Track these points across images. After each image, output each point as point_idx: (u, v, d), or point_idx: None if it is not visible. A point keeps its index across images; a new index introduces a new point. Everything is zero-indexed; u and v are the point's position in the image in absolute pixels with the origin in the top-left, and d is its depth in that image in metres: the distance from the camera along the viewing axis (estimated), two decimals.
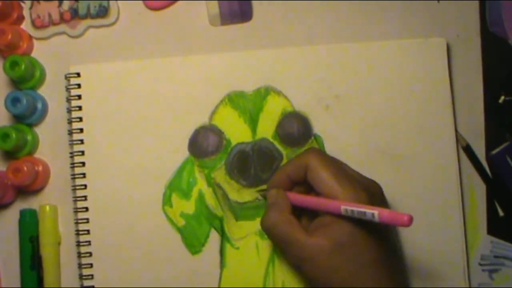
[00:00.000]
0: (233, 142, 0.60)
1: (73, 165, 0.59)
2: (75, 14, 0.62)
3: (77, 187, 0.59)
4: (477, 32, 0.62)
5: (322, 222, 0.51)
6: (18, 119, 0.61)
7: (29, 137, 0.60)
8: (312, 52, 0.60)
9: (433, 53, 0.60)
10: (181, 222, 0.59)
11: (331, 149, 0.59)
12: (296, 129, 0.60)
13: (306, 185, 0.54)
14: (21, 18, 0.62)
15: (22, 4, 0.62)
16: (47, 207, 0.60)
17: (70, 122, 0.60)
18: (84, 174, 0.59)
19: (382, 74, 0.60)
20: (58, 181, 0.61)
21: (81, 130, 0.59)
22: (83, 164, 0.59)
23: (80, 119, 0.60)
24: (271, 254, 0.59)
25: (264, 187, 0.59)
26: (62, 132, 0.60)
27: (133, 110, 0.60)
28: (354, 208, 0.48)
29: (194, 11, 0.62)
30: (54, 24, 0.62)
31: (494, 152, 0.61)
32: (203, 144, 0.60)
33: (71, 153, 0.60)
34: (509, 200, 0.61)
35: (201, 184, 0.60)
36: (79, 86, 0.60)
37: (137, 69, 0.60)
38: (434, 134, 0.60)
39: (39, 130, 0.61)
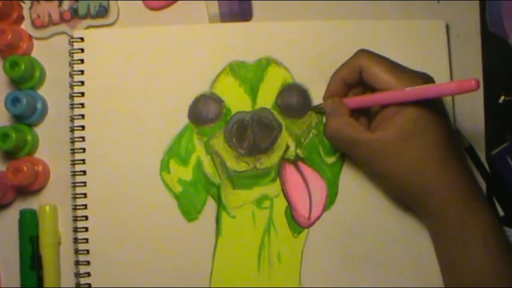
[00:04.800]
0: (233, 111, 0.60)
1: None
2: (75, 14, 0.62)
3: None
4: (477, 32, 0.62)
5: (384, 117, 0.53)
6: (18, 119, 0.61)
7: (29, 137, 0.60)
8: (314, 26, 0.61)
9: (433, 34, 0.61)
10: (178, 189, 0.59)
11: None
12: (296, 101, 0.60)
13: (360, 88, 0.55)
14: (21, 18, 0.62)
15: (22, 4, 0.62)
16: (47, 207, 0.60)
17: (71, 86, 0.60)
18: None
19: (382, 52, 0.60)
20: (58, 181, 0.61)
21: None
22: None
23: (82, 83, 0.60)
24: (267, 224, 0.59)
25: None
26: (62, 132, 0.60)
27: (134, 76, 0.60)
28: (419, 87, 0.50)
29: (194, 11, 0.62)
30: (54, 24, 0.62)
31: (494, 152, 0.61)
32: (203, 111, 0.60)
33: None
34: (509, 200, 0.61)
35: (200, 152, 0.60)
36: (82, 50, 0.60)
37: (140, 36, 0.61)
38: None
39: (39, 130, 0.62)
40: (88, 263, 0.58)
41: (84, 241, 0.59)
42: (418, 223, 0.58)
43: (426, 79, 0.53)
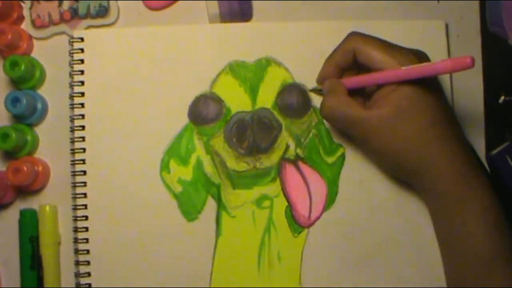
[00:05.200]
0: (233, 111, 0.60)
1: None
2: (75, 14, 0.62)
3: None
4: (477, 32, 0.63)
5: (380, 95, 0.53)
6: (18, 119, 0.61)
7: (29, 137, 0.60)
8: (314, 27, 0.61)
9: (433, 34, 0.61)
10: (178, 189, 0.59)
11: None
12: (296, 101, 0.60)
13: (354, 71, 0.56)
14: (21, 18, 0.62)
15: (22, 4, 0.62)
16: (47, 207, 0.60)
17: (71, 86, 0.60)
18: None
19: None
20: (58, 181, 0.61)
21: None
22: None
23: (82, 83, 0.60)
24: (267, 224, 0.59)
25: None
26: (62, 132, 0.60)
27: (134, 76, 0.60)
28: (415, 65, 0.51)
29: (194, 11, 0.62)
30: (54, 24, 0.62)
31: (494, 152, 0.61)
32: (203, 111, 0.60)
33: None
34: (509, 200, 0.61)
35: (200, 151, 0.60)
36: (82, 50, 0.60)
37: (140, 36, 0.61)
38: None
39: (39, 130, 0.61)
40: (88, 263, 0.58)
41: (84, 241, 0.59)
42: (418, 223, 0.58)
43: (421, 56, 0.54)
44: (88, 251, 0.58)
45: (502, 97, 0.62)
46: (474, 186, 0.53)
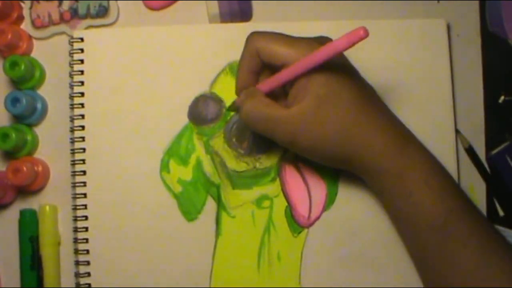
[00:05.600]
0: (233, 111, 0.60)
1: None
2: (75, 14, 0.62)
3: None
4: (477, 32, 0.62)
5: (295, 91, 0.52)
6: (18, 119, 0.61)
7: (29, 137, 0.60)
8: (313, 27, 0.61)
9: (434, 33, 0.61)
10: (178, 189, 0.59)
11: None
12: None
13: (267, 74, 0.54)
14: (21, 18, 0.62)
15: (22, 4, 0.62)
16: (47, 207, 0.60)
17: (71, 86, 0.60)
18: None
19: (383, 52, 0.60)
20: (58, 181, 0.61)
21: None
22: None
23: (82, 83, 0.60)
24: (267, 224, 0.59)
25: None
26: (62, 132, 0.60)
27: (134, 76, 0.60)
28: (314, 52, 0.49)
29: (194, 11, 0.62)
30: (54, 24, 0.62)
31: (494, 152, 0.61)
32: (203, 111, 0.60)
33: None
34: (509, 200, 0.61)
35: (199, 151, 0.60)
36: (82, 51, 0.60)
37: (140, 36, 0.61)
38: (434, 127, 0.60)
39: (39, 130, 0.62)
40: (88, 263, 0.58)
41: (84, 241, 0.59)
42: None
43: (324, 41, 0.52)
44: (88, 251, 0.58)
45: (502, 97, 0.62)
46: (412, 156, 0.52)
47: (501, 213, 0.61)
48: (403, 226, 0.55)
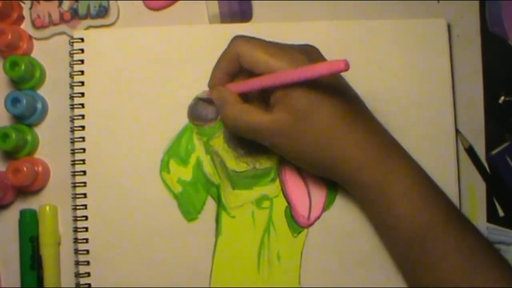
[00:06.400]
0: None
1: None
2: (75, 14, 0.62)
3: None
4: (477, 32, 0.62)
5: (275, 99, 0.51)
6: (18, 119, 0.61)
7: (29, 138, 0.60)
8: (314, 26, 0.61)
9: (434, 33, 0.60)
10: (178, 189, 0.59)
11: None
12: None
13: (245, 75, 0.53)
14: (21, 18, 0.62)
15: (22, 4, 0.62)
16: (47, 207, 0.60)
17: (71, 86, 0.60)
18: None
19: (384, 51, 0.60)
20: (58, 181, 0.61)
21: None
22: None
23: (82, 83, 0.60)
24: (267, 224, 0.59)
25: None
26: (62, 132, 0.60)
27: (134, 77, 0.60)
28: (293, 70, 0.49)
29: (194, 11, 0.62)
30: (54, 24, 0.62)
31: (494, 152, 0.61)
32: (203, 111, 0.60)
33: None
34: (509, 200, 0.61)
35: (199, 151, 0.60)
36: (82, 51, 0.60)
37: (140, 36, 0.61)
38: (434, 127, 0.60)
39: (39, 130, 0.62)
40: (88, 263, 0.58)
41: (84, 241, 0.59)
42: None
43: (311, 53, 0.52)
44: (88, 251, 0.58)
45: (502, 97, 0.62)
46: (392, 169, 0.52)
47: (501, 213, 0.61)
48: (385, 237, 0.56)
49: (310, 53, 0.52)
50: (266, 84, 0.51)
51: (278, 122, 0.51)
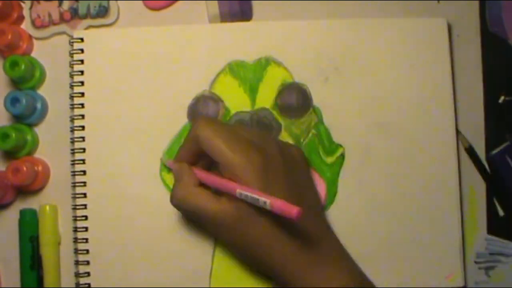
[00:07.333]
0: (232, 111, 0.60)
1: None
2: (75, 14, 0.62)
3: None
4: (477, 32, 0.62)
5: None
6: (18, 119, 0.61)
7: (29, 137, 0.60)
8: (313, 25, 0.61)
9: (435, 32, 0.60)
10: None
11: (329, 120, 0.60)
12: (295, 100, 0.60)
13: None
14: (21, 18, 0.62)
15: (22, 4, 0.62)
16: (47, 207, 0.60)
17: (71, 86, 0.60)
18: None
19: (384, 51, 0.60)
20: (58, 181, 0.61)
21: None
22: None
23: (82, 83, 0.60)
24: None
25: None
26: (62, 132, 0.60)
27: (134, 76, 0.60)
28: (248, 194, 0.49)
29: (194, 11, 0.62)
30: (54, 24, 0.62)
31: (494, 152, 0.61)
32: (202, 111, 0.60)
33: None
34: (509, 200, 0.61)
35: None
36: (82, 51, 0.60)
37: (140, 36, 0.61)
38: (434, 127, 0.60)
39: (39, 130, 0.62)
40: (88, 263, 0.58)
41: (84, 241, 0.59)
42: (417, 222, 0.58)
43: (267, 149, 0.52)
44: (88, 251, 0.58)
45: (502, 97, 0.62)
46: (324, 277, 0.51)
47: (501, 213, 0.61)
48: None
49: (267, 152, 0.51)
50: (222, 188, 0.51)
51: (223, 213, 0.51)
